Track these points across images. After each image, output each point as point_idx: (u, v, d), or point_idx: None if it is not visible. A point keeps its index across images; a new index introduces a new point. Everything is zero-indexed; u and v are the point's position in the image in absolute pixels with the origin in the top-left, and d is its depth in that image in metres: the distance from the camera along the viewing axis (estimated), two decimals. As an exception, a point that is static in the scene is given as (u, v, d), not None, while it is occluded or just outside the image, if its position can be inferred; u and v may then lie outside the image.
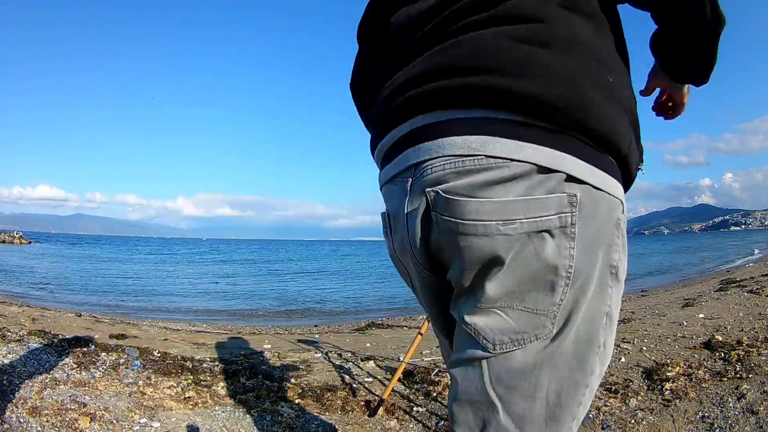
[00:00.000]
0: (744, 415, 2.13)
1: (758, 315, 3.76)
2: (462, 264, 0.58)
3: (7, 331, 3.29)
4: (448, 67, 0.58)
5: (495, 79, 0.55)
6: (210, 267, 25.57)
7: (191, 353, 3.66)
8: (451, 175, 0.56)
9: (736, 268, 11.44)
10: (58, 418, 2.14)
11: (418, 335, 2.56)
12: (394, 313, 9.44)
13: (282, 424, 2.42)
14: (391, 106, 0.65)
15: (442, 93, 0.58)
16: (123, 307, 9.91)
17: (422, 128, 0.61)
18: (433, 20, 0.62)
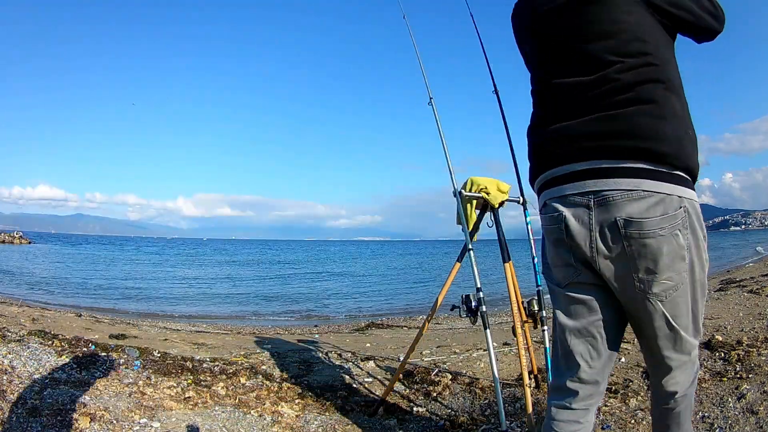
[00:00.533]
0: (744, 415, 2.13)
1: (758, 315, 3.76)
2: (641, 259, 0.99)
3: (7, 331, 3.29)
4: (613, 133, 0.99)
5: (640, 143, 0.97)
6: (215, 268, 25.56)
7: (191, 353, 3.66)
8: (626, 202, 0.97)
9: (736, 268, 11.44)
10: (58, 418, 2.14)
11: (418, 335, 2.56)
12: (394, 313, 9.44)
13: (282, 424, 2.42)
14: (568, 148, 1.05)
15: (610, 149, 0.99)
16: (123, 307, 9.91)
17: (598, 169, 1.00)
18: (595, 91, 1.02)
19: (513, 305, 2.35)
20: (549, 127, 1.10)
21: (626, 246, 0.99)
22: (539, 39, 1.16)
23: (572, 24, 1.08)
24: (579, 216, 1.03)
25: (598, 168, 1.00)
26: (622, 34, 1.03)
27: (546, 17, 1.13)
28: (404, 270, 23.78)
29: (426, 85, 2.55)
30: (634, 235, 0.98)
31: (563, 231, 1.05)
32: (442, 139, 2.45)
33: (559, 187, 1.07)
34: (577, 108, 1.05)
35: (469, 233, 2.44)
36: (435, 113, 2.52)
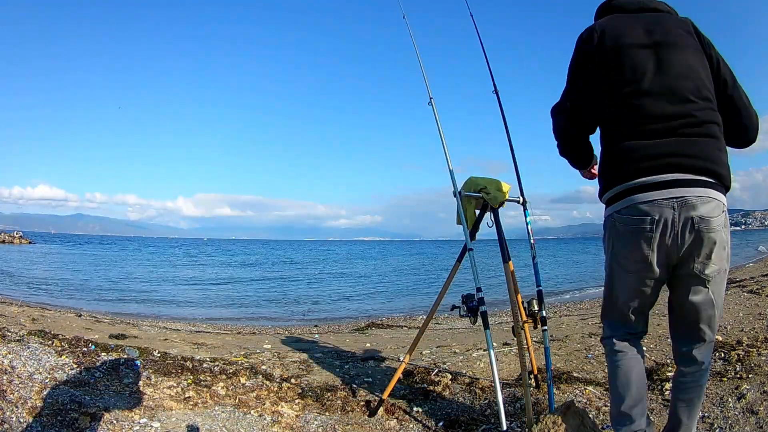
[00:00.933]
0: (744, 415, 2.13)
1: (758, 315, 3.76)
2: (707, 251, 1.34)
3: (7, 331, 3.29)
4: (692, 155, 1.33)
5: (709, 164, 1.33)
6: (217, 268, 25.57)
7: (191, 353, 3.66)
8: (700, 205, 1.31)
9: (736, 268, 11.44)
10: (58, 418, 2.14)
11: (418, 335, 2.56)
12: (394, 313, 9.44)
13: (282, 424, 2.42)
14: (654, 162, 1.35)
15: (688, 167, 1.32)
16: (123, 307, 9.91)
17: (679, 180, 1.32)
18: (686, 117, 1.35)
19: (513, 305, 2.35)
20: (633, 144, 1.39)
21: (696, 237, 1.33)
22: (625, 69, 1.42)
23: (659, 60, 1.41)
24: (666, 214, 1.33)
25: (680, 179, 1.33)
26: (698, 80, 1.40)
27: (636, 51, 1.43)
28: (404, 270, 23.78)
29: (426, 85, 2.56)
30: (703, 229, 1.32)
31: (651, 225, 1.35)
32: (442, 139, 2.45)
33: (646, 193, 1.36)
34: (660, 131, 1.36)
35: (470, 233, 2.44)
36: (435, 113, 2.52)
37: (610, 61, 1.45)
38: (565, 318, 5.95)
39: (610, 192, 1.45)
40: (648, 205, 1.34)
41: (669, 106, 1.36)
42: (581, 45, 1.53)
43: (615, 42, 1.45)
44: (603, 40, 1.47)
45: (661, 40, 1.43)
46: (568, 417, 1.79)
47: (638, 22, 1.48)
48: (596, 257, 30.54)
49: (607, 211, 1.49)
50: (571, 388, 2.67)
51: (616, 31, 1.47)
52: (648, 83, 1.39)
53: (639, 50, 1.42)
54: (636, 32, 1.45)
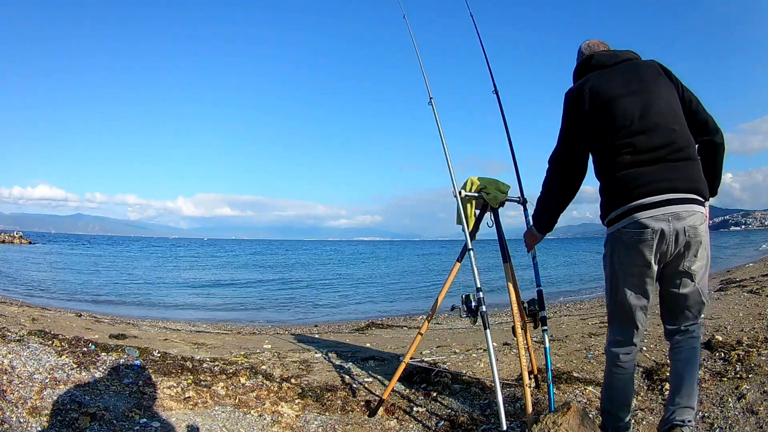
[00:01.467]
0: (744, 415, 2.13)
1: (758, 315, 3.76)
2: (693, 251, 1.65)
3: (7, 331, 3.29)
4: (677, 178, 1.64)
5: (692, 183, 1.66)
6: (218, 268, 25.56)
7: (191, 353, 3.66)
8: (688, 217, 1.62)
9: (736, 268, 11.44)
10: (58, 418, 2.14)
11: (418, 335, 2.56)
12: (394, 313, 9.44)
13: (282, 424, 2.42)
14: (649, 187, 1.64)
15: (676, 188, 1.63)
16: (123, 307, 9.91)
17: (671, 199, 1.62)
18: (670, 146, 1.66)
19: (513, 305, 2.35)
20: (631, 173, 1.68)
21: (686, 242, 1.64)
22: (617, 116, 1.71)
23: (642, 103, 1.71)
24: (663, 226, 1.63)
25: (671, 198, 1.63)
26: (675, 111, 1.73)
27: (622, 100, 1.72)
28: (405, 270, 23.78)
29: (426, 86, 2.55)
30: (691, 235, 1.63)
31: (652, 236, 1.64)
32: (442, 139, 2.45)
33: (645, 211, 1.64)
34: (651, 160, 1.66)
35: (470, 233, 2.44)
36: (435, 113, 2.52)
37: (603, 113, 1.74)
38: (565, 318, 5.95)
39: (614, 213, 1.72)
40: (648, 220, 1.64)
41: (657, 138, 1.67)
42: (573, 104, 1.82)
43: (605, 97, 1.74)
44: (594, 99, 1.76)
45: (639, 87, 1.74)
46: (568, 417, 1.79)
47: (617, 74, 1.79)
48: (596, 257, 30.57)
49: (611, 228, 1.75)
50: (571, 388, 2.67)
51: (603, 88, 1.76)
52: (637, 124, 1.69)
53: (624, 98, 1.72)
54: (618, 84, 1.76)
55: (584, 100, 1.77)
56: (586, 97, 1.77)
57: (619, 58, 1.85)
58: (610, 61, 1.84)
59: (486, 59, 2.76)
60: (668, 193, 1.63)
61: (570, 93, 1.84)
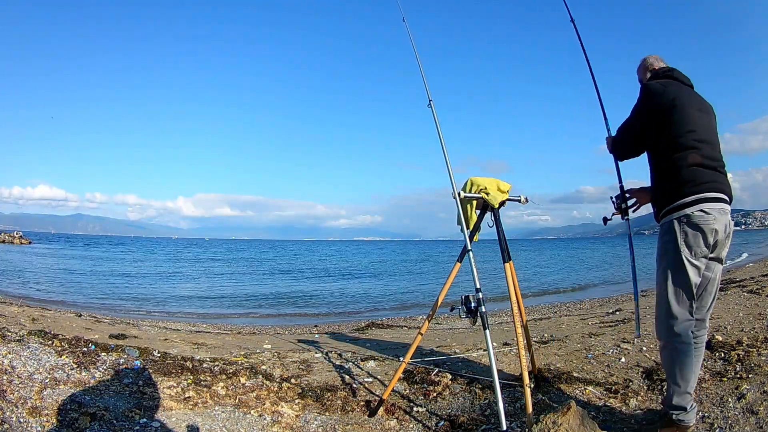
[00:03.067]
0: (744, 415, 2.13)
1: (758, 315, 3.76)
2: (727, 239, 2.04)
3: (7, 331, 3.29)
4: (725, 184, 2.05)
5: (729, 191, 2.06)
6: (218, 268, 25.55)
7: (191, 353, 3.66)
8: (729, 215, 2.02)
9: (736, 268, 11.44)
10: (58, 418, 2.14)
11: (418, 335, 2.56)
12: (394, 313, 9.44)
13: (282, 424, 2.42)
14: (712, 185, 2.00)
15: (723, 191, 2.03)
16: (123, 307, 9.91)
17: (721, 198, 2.01)
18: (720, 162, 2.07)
19: (513, 305, 2.35)
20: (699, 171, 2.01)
21: (727, 234, 2.01)
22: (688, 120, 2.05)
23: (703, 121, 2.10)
24: (718, 216, 1.97)
25: (721, 197, 2.01)
26: (717, 137, 2.13)
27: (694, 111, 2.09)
28: (405, 270, 23.78)
29: (425, 88, 2.55)
30: (730, 228, 2.03)
31: (714, 223, 1.96)
32: (441, 141, 2.45)
33: (709, 203, 1.98)
34: (711, 167, 2.03)
35: (470, 233, 2.44)
36: (434, 115, 2.52)
37: (677, 113, 2.06)
38: (565, 318, 5.95)
39: (683, 200, 2.01)
40: (711, 209, 1.98)
41: (714, 152, 2.07)
42: (654, 96, 2.13)
43: (683, 102, 2.08)
44: (674, 100, 2.08)
45: (705, 109, 2.15)
46: (568, 417, 1.80)
47: (691, 92, 2.19)
48: (598, 257, 30.56)
49: (677, 214, 2.01)
50: (571, 388, 2.67)
51: (682, 96, 2.11)
52: (702, 134, 2.06)
53: (696, 111, 2.09)
54: (692, 99, 2.13)
55: (665, 97, 2.09)
56: (668, 96, 2.09)
57: (689, 82, 2.25)
58: (686, 81, 2.24)
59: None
60: (720, 192, 2.01)
61: (654, 86, 2.16)
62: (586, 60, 2.92)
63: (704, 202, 1.96)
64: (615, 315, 5.41)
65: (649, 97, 2.14)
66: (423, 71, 2.56)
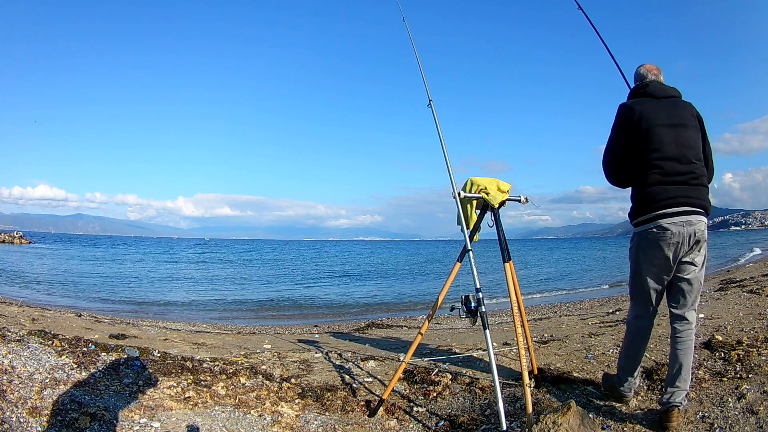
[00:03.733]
0: (744, 415, 2.13)
1: (758, 315, 3.76)
2: (697, 248, 2.15)
3: (7, 331, 3.29)
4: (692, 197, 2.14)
5: (701, 202, 2.15)
6: (219, 268, 25.55)
7: (191, 353, 3.66)
8: (697, 224, 2.13)
9: (736, 268, 11.44)
10: (58, 418, 2.14)
11: (418, 335, 2.56)
12: (394, 313, 9.44)
13: (282, 424, 2.42)
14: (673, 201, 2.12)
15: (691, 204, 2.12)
16: (123, 308, 9.91)
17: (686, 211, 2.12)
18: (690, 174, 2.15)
19: (513, 305, 2.35)
20: (660, 189, 2.14)
21: (694, 241, 2.13)
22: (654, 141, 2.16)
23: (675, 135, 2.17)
24: (680, 230, 2.11)
25: (687, 210, 2.12)
26: (697, 149, 2.19)
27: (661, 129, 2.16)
28: (405, 270, 23.78)
29: (426, 88, 2.55)
30: (699, 238, 2.13)
31: (670, 236, 2.11)
32: (441, 141, 2.45)
33: (668, 218, 2.12)
34: (676, 182, 2.14)
35: (470, 233, 2.44)
36: (434, 115, 2.52)
37: (644, 134, 2.18)
38: (565, 318, 5.95)
39: (643, 217, 2.19)
40: (668, 224, 2.12)
41: (680, 167, 2.15)
42: (624, 117, 2.25)
43: (649, 123, 2.18)
44: (640, 121, 2.19)
45: (677, 122, 2.19)
46: (568, 417, 1.80)
47: (663, 107, 2.22)
48: (597, 257, 30.54)
49: (639, 228, 2.22)
50: (571, 388, 2.67)
51: (650, 114, 2.19)
52: (669, 151, 2.15)
53: (663, 128, 2.17)
54: (662, 115, 2.19)
55: (633, 118, 2.21)
56: (635, 116, 2.20)
57: (667, 94, 2.28)
58: (660, 94, 2.27)
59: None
60: (684, 206, 2.12)
61: (624, 107, 2.28)
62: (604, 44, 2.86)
63: (663, 217, 2.12)
64: (615, 315, 5.40)
65: (618, 118, 2.29)
66: (423, 71, 2.56)
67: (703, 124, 2.27)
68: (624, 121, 2.24)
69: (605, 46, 2.87)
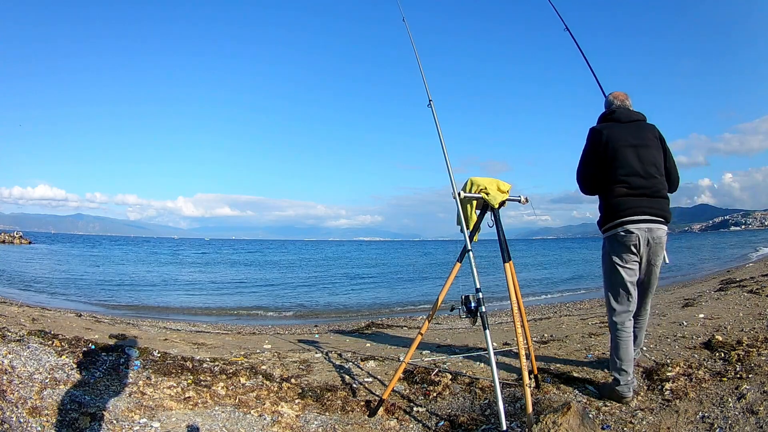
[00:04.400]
0: (744, 415, 2.13)
1: (758, 315, 3.76)
2: (656, 251, 2.49)
3: (7, 331, 3.29)
4: (653, 207, 2.46)
5: (661, 212, 2.48)
6: (219, 268, 25.55)
7: (191, 353, 3.66)
8: (657, 231, 2.46)
9: (736, 268, 11.44)
10: (58, 418, 2.14)
11: (418, 335, 2.56)
12: (394, 313, 9.44)
13: (282, 424, 2.42)
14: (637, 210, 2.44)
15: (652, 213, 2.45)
16: (123, 308, 9.91)
17: (647, 219, 2.44)
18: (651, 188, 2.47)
19: (513, 305, 2.35)
20: (624, 200, 2.46)
21: (653, 246, 2.46)
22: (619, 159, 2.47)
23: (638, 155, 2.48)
24: (642, 235, 2.43)
25: (649, 219, 2.43)
26: (658, 166, 2.50)
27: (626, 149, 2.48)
28: (405, 270, 23.78)
29: (426, 88, 2.55)
30: (657, 241, 2.45)
31: (634, 239, 2.43)
32: (441, 141, 2.45)
33: (632, 225, 2.43)
34: (638, 194, 2.45)
35: (470, 233, 2.44)
36: (434, 116, 2.52)
37: (611, 155, 2.50)
38: (565, 318, 5.95)
39: (611, 223, 2.51)
40: (633, 229, 2.45)
41: (643, 181, 2.47)
42: (593, 139, 2.58)
43: (615, 145, 2.50)
44: (607, 143, 2.51)
45: (639, 143, 2.51)
46: (568, 417, 1.80)
47: (628, 130, 2.55)
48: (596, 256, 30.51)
49: (608, 233, 2.54)
50: (571, 388, 2.67)
51: (616, 137, 2.52)
52: (632, 168, 2.47)
53: (628, 149, 2.49)
54: (626, 137, 2.52)
55: (601, 141, 2.53)
56: (603, 138, 2.52)
57: (632, 118, 2.61)
58: (625, 119, 2.60)
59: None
60: (646, 215, 2.44)
61: (593, 131, 2.60)
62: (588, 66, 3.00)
63: (627, 224, 2.44)
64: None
65: (589, 140, 2.62)
66: (423, 71, 2.56)
67: (664, 142, 2.59)
68: (593, 143, 2.57)
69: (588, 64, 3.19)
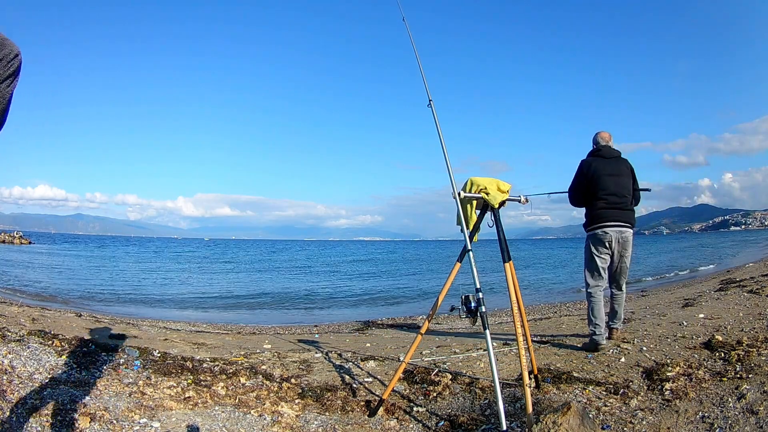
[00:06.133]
0: (744, 415, 2.13)
1: (758, 315, 3.76)
2: (625, 247, 3.56)
3: (7, 331, 3.29)
4: (623, 217, 3.54)
5: (629, 220, 3.58)
6: (219, 268, 25.55)
7: (191, 353, 3.66)
8: (625, 233, 3.54)
9: (736, 268, 11.43)
10: (58, 418, 2.14)
11: (418, 335, 2.56)
12: (394, 313, 9.44)
13: (282, 424, 2.42)
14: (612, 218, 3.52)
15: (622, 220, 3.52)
16: (123, 308, 9.90)
17: (619, 224, 3.52)
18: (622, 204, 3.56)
19: (513, 305, 2.35)
20: (603, 211, 3.48)
21: (622, 243, 3.51)
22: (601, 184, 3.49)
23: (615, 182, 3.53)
24: (614, 235, 3.46)
25: (619, 224, 3.48)
26: (628, 189, 3.58)
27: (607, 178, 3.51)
28: (405, 270, 23.78)
29: (426, 88, 2.55)
30: (625, 240, 3.52)
31: (609, 238, 3.45)
32: (441, 141, 2.45)
33: (608, 228, 3.46)
34: (613, 208, 3.49)
35: (470, 233, 2.44)
36: (434, 116, 2.52)
37: (595, 181, 3.51)
38: (565, 318, 5.94)
39: (593, 226, 3.52)
40: (608, 230, 3.45)
41: (617, 199, 3.48)
42: (583, 168, 3.60)
43: (599, 174, 3.52)
44: (593, 172, 3.53)
45: (616, 173, 3.54)
46: (568, 417, 1.80)
47: (609, 163, 3.57)
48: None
49: (590, 232, 3.54)
50: (571, 388, 2.67)
51: (600, 169, 3.53)
52: (610, 189, 3.48)
53: (607, 177, 3.51)
54: (607, 169, 3.54)
55: (589, 170, 3.55)
56: (591, 169, 3.55)
57: (612, 155, 3.61)
58: (608, 156, 3.61)
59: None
60: (618, 221, 3.45)
61: (584, 162, 3.63)
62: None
63: (604, 227, 3.44)
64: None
65: (580, 170, 3.62)
66: (423, 71, 2.56)
67: (633, 172, 3.63)
68: (583, 171, 3.59)
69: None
